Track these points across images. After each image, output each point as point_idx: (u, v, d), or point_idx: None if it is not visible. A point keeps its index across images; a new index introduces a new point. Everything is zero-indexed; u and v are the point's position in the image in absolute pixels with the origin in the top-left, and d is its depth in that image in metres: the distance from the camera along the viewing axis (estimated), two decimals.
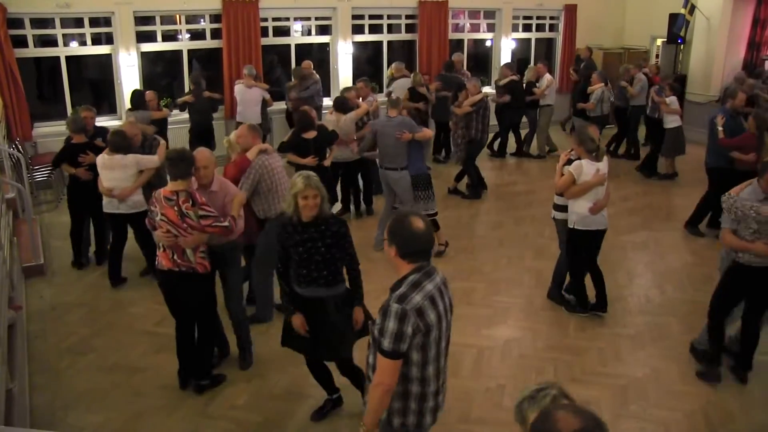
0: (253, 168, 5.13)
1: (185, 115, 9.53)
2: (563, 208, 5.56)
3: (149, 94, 8.43)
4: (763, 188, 4.34)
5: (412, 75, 10.23)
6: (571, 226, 5.42)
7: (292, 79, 10.01)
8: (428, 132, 7.00)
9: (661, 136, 9.45)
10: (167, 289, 4.45)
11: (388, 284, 2.79)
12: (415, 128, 6.73)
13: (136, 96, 8.21)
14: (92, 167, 6.15)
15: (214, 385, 4.64)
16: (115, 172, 5.86)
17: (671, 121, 9.26)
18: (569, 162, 5.38)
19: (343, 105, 7.67)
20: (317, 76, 10.14)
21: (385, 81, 10.93)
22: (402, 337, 2.59)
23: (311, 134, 6.59)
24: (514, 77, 10.49)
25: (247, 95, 9.50)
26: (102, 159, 5.87)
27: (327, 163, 6.77)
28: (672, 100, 9.24)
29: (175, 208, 4.15)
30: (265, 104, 9.76)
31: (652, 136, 9.98)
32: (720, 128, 7.10)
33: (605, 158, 5.41)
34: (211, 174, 4.48)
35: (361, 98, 8.52)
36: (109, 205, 6.03)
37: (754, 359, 4.84)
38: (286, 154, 6.73)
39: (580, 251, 5.55)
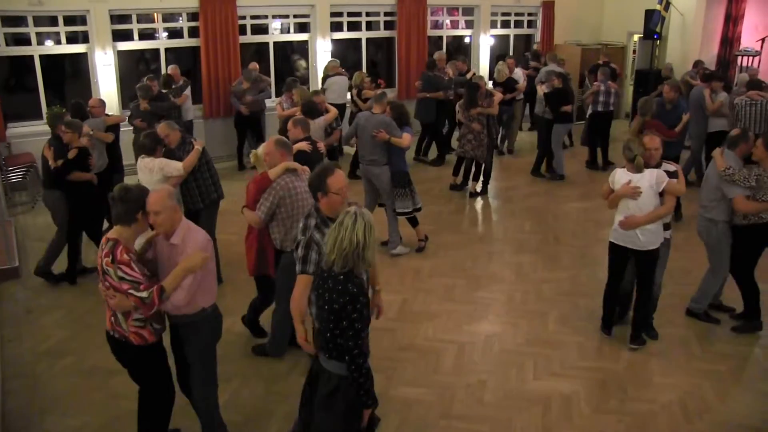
0: (273, 189, 4.45)
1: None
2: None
3: (94, 101, 7.57)
4: (739, 155, 5.13)
5: (355, 75, 9.95)
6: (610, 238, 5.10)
7: (243, 83, 9.74)
8: (406, 139, 6.68)
9: (608, 128, 10.07)
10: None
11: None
12: (395, 131, 6.62)
13: (76, 108, 7.19)
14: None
15: None
16: (142, 176, 5.51)
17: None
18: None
19: (311, 110, 7.34)
20: (268, 78, 9.97)
21: (319, 78, 10.69)
22: None
23: (301, 146, 5.86)
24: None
25: (188, 92, 9.41)
26: (139, 162, 5.59)
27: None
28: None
29: (100, 259, 3.41)
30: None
31: (602, 130, 10.16)
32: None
33: (648, 172, 4.80)
34: (167, 221, 3.44)
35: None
36: None
37: (730, 351, 5.02)
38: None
39: (612, 267, 5.19)
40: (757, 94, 8.34)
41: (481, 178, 9.02)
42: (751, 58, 12.12)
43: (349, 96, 10.07)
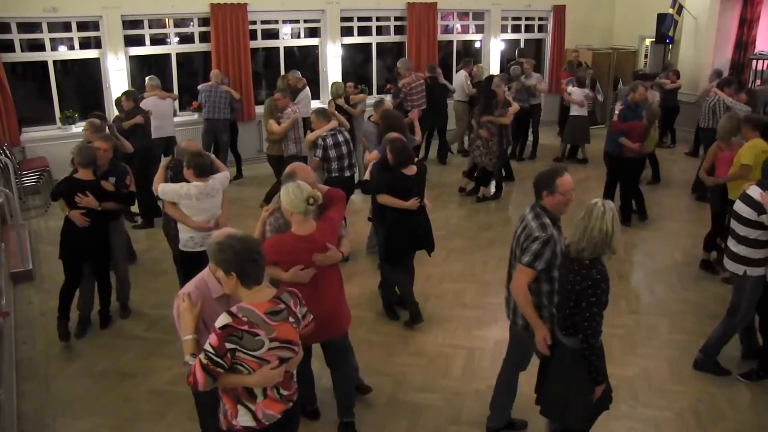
0: None
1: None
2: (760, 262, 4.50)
3: (96, 121, 6.65)
4: None
5: (335, 86, 9.59)
6: None
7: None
8: (367, 156, 6.35)
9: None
10: None
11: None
12: (370, 143, 6.52)
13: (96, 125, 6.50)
14: (89, 213, 5.20)
15: None
16: (213, 200, 4.95)
17: (574, 110, 10.52)
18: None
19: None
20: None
21: (278, 84, 9.79)
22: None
23: (412, 170, 5.27)
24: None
25: (162, 107, 8.75)
26: (197, 188, 4.83)
27: (429, 203, 5.57)
28: (572, 90, 10.48)
29: (291, 318, 2.79)
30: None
31: (561, 124, 11.26)
32: (616, 112, 7.80)
33: None
34: None
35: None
36: (199, 241, 4.89)
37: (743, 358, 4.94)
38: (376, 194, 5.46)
39: None
40: (714, 92, 8.99)
41: (493, 184, 9.00)
42: (765, 61, 12.01)
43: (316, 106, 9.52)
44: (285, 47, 11.27)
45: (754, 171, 5.65)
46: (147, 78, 8.97)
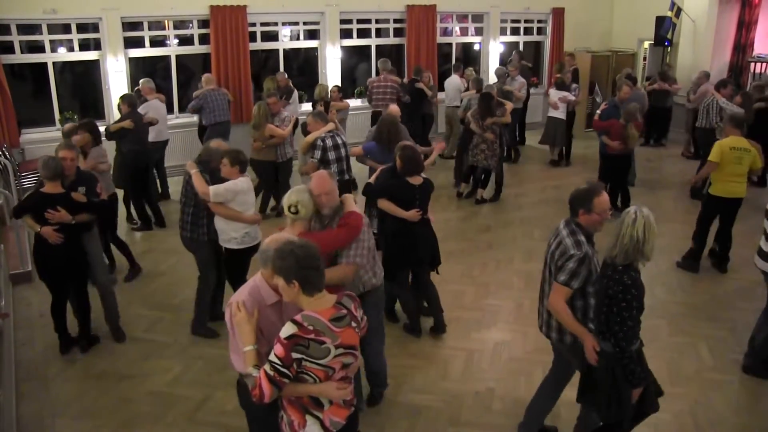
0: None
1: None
2: None
3: (68, 127, 6.63)
4: None
5: (319, 88, 9.51)
6: None
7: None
8: (355, 150, 6.55)
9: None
10: None
11: None
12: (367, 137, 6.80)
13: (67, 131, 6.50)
14: (63, 228, 4.80)
15: None
16: (249, 196, 5.03)
17: (550, 112, 10.67)
18: None
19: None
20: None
21: (266, 86, 9.38)
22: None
23: (417, 180, 5.10)
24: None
25: (162, 111, 8.65)
26: (247, 183, 4.90)
27: (433, 217, 5.42)
28: (550, 92, 10.64)
29: (353, 323, 2.75)
30: None
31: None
32: (597, 112, 8.17)
33: None
34: None
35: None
36: (254, 234, 5.05)
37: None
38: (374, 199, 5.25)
39: None
40: (711, 92, 9.34)
41: (494, 185, 9.03)
42: (764, 64, 12.04)
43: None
44: (284, 49, 11.29)
45: (722, 167, 6.08)
46: (141, 80, 8.78)
